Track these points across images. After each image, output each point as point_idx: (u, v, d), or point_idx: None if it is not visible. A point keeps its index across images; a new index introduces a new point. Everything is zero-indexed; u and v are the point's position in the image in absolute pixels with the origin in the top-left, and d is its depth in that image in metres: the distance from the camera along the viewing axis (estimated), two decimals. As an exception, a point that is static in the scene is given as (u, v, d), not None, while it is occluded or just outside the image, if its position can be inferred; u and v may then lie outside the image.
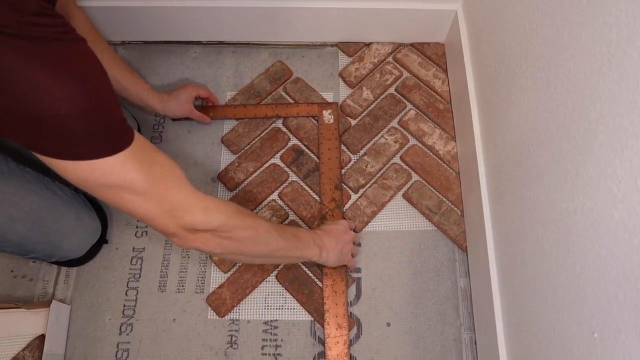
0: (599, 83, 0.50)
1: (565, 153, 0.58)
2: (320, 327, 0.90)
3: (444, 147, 1.02)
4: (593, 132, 0.52)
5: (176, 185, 0.61)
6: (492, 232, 0.84)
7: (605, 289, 0.49)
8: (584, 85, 0.54)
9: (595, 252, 0.51)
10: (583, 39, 0.54)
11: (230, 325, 0.91)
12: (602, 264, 0.49)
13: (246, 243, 0.69)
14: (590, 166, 0.52)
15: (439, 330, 0.90)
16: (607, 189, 0.49)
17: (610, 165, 0.48)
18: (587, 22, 0.53)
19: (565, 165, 0.58)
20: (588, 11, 0.53)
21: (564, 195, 0.58)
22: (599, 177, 0.50)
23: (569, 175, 0.57)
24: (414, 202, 0.98)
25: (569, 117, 0.57)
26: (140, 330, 0.90)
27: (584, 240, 0.53)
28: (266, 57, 1.13)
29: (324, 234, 0.84)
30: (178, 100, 0.98)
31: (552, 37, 0.62)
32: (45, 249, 0.85)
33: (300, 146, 1.04)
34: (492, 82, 0.84)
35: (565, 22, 0.58)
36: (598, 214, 0.51)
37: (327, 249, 0.83)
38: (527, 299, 0.69)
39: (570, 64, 0.57)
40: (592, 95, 0.52)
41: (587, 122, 0.53)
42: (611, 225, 0.48)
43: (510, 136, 0.76)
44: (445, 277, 0.94)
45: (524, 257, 0.70)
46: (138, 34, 1.12)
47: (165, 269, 0.95)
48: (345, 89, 1.10)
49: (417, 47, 1.12)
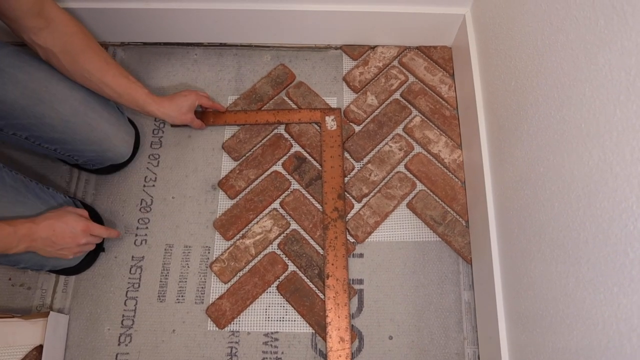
0: (615, 112, 0.48)
1: (577, 179, 0.56)
2: (322, 340, 0.89)
3: (450, 155, 1.00)
4: (608, 163, 0.49)
5: None
6: (497, 246, 0.83)
7: (617, 328, 0.47)
8: (599, 112, 0.51)
9: (608, 289, 0.49)
10: (600, 62, 0.51)
11: (230, 336, 0.89)
12: (615, 302, 0.48)
13: None
14: (604, 197, 0.50)
15: (442, 344, 0.89)
16: (621, 224, 0.47)
17: (626, 200, 0.46)
18: (604, 45, 0.50)
19: (577, 192, 0.55)
20: (605, 34, 0.50)
21: (575, 223, 0.56)
22: (613, 211, 0.48)
23: (580, 203, 0.55)
24: (418, 212, 0.96)
25: (582, 143, 0.55)
26: (139, 341, 0.89)
27: (595, 273, 0.52)
28: (268, 60, 1.11)
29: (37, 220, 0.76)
30: (180, 109, 0.94)
31: (566, 55, 0.59)
32: (32, 260, 0.82)
33: (302, 153, 1.02)
34: (501, 94, 0.81)
35: (580, 42, 0.55)
36: (611, 249, 0.49)
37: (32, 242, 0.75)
38: (533, 321, 0.68)
39: (584, 86, 0.54)
40: (608, 123, 0.49)
41: (602, 151, 0.51)
42: (625, 264, 0.46)
43: (518, 151, 0.74)
44: (448, 290, 0.92)
45: (531, 278, 0.69)
46: (137, 35, 1.09)
47: (165, 279, 0.94)
48: (349, 93, 1.07)
49: (424, 50, 1.09)
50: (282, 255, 0.94)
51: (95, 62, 0.82)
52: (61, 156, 0.91)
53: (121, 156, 0.95)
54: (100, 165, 0.96)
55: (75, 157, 0.91)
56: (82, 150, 0.89)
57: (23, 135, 0.83)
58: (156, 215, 0.98)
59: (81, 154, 0.90)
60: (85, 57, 0.80)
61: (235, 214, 0.97)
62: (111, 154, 0.93)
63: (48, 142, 0.86)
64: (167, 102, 0.93)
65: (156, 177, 1.01)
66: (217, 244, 0.95)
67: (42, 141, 0.85)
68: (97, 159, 0.93)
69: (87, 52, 0.81)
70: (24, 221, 0.74)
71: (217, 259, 0.94)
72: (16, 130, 0.82)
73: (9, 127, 0.82)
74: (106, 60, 0.84)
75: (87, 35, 0.82)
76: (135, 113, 1.04)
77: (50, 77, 0.82)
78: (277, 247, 0.95)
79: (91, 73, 0.82)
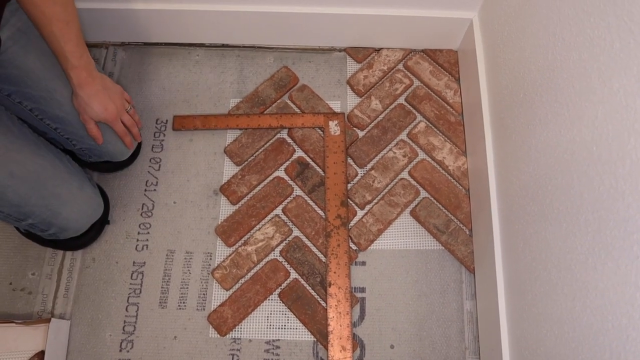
0: (629, 140, 0.47)
1: (587, 204, 0.55)
2: (323, 349, 0.89)
3: (454, 162, 0.99)
4: (620, 191, 0.48)
5: None
6: (501, 258, 0.82)
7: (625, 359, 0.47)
8: (612, 137, 0.50)
9: (617, 319, 0.48)
10: (614, 86, 0.50)
11: (232, 344, 0.89)
12: (623, 334, 0.47)
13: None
14: (614, 226, 0.49)
15: (443, 353, 0.89)
16: (632, 255, 0.46)
17: (639, 232, 0.45)
18: (620, 69, 0.49)
19: (587, 216, 0.55)
20: (621, 57, 0.49)
21: (583, 246, 0.55)
22: (624, 241, 0.48)
23: (589, 228, 0.54)
24: (422, 221, 0.96)
25: (594, 167, 0.54)
26: (141, 347, 0.89)
27: (603, 301, 0.51)
28: (271, 62, 1.09)
29: None
30: (91, 107, 0.82)
31: (578, 74, 0.58)
32: (43, 214, 0.82)
33: (305, 159, 1.01)
34: (508, 104, 0.80)
35: (594, 63, 0.54)
36: (621, 279, 0.48)
37: None
38: (537, 340, 0.67)
39: (597, 109, 0.53)
40: (621, 150, 0.48)
41: (614, 178, 0.50)
42: (636, 297, 0.45)
43: (525, 166, 0.73)
44: (451, 299, 0.92)
45: (535, 296, 0.68)
46: (138, 35, 1.08)
47: (166, 285, 0.93)
48: (353, 97, 1.06)
49: (429, 53, 1.08)
50: (284, 262, 0.94)
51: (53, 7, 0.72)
52: (59, 137, 0.88)
53: (120, 153, 0.94)
54: (97, 159, 0.94)
55: (74, 142, 0.89)
56: (83, 136, 0.87)
57: (29, 107, 0.82)
58: (157, 220, 0.97)
59: (81, 139, 0.88)
60: None
61: (237, 220, 0.96)
62: (111, 147, 0.91)
63: (51, 119, 0.84)
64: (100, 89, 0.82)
65: (157, 181, 1.00)
66: (219, 250, 0.95)
67: (45, 116, 0.84)
68: (95, 150, 0.90)
69: None
70: None
71: (218, 265, 0.93)
72: (24, 99, 0.81)
73: (18, 94, 0.81)
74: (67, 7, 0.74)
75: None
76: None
77: None
78: (279, 254, 0.94)
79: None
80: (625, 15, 0.48)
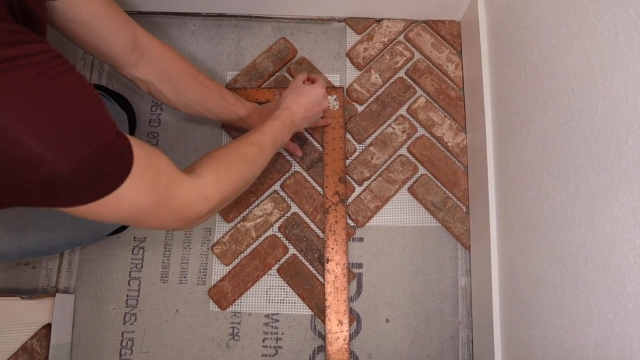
0: (627, 140, 0.47)
1: (581, 197, 0.55)
2: (321, 322, 0.91)
3: (454, 138, 0.98)
4: (615, 190, 0.48)
5: (177, 188, 0.57)
6: (496, 238, 0.83)
7: (608, 353, 0.48)
8: (611, 135, 0.49)
9: (603, 314, 0.50)
10: (616, 82, 0.49)
11: (232, 317, 0.92)
12: (609, 328, 0.48)
13: (238, 194, 0.71)
14: (607, 223, 0.50)
15: (437, 327, 0.92)
16: (622, 255, 0.47)
17: (630, 232, 0.46)
18: (623, 65, 0.48)
19: (581, 210, 0.55)
20: (625, 52, 0.48)
21: (575, 240, 0.56)
22: (615, 239, 0.48)
23: (582, 222, 0.54)
24: (419, 197, 0.96)
25: (590, 162, 0.53)
26: (144, 320, 0.92)
27: (591, 295, 0.52)
28: (269, 33, 1.06)
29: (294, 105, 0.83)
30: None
31: (580, 64, 0.56)
32: (92, 233, 0.85)
33: (303, 134, 1.00)
34: (509, 84, 0.79)
35: (597, 54, 0.53)
36: (609, 276, 0.49)
37: (297, 124, 0.84)
38: (526, 320, 0.69)
39: (598, 103, 0.52)
40: (619, 149, 0.48)
41: (610, 176, 0.49)
42: (622, 295, 0.46)
43: (523, 151, 0.72)
44: (446, 275, 0.94)
45: (527, 280, 0.69)
46: (133, 4, 1.04)
47: (167, 260, 0.95)
48: (353, 70, 1.04)
49: (431, 25, 1.05)
50: (282, 238, 0.95)
51: (195, 89, 0.81)
52: None
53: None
54: None
55: None
56: None
57: None
58: (157, 196, 0.98)
59: None
60: (184, 84, 0.79)
61: (236, 197, 0.97)
62: None
63: None
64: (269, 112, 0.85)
65: (156, 156, 1.00)
66: (218, 227, 0.96)
67: None
68: None
69: (185, 78, 0.79)
70: (282, 112, 0.81)
71: (218, 241, 0.95)
72: None
73: None
74: (204, 84, 0.82)
75: (182, 58, 0.80)
76: (130, 88, 1.01)
77: None
78: (278, 230, 0.96)
79: (192, 100, 0.81)
80: (631, 8, 0.47)
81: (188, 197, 0.59)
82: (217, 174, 0.64)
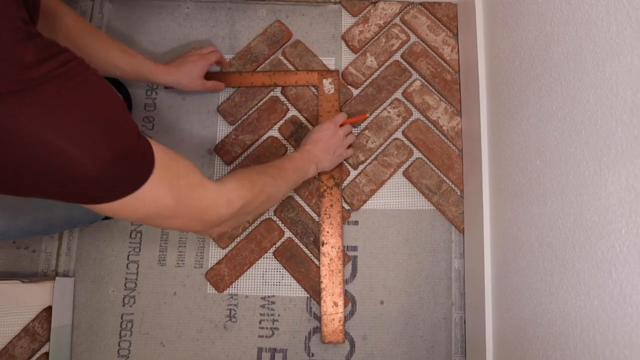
0: (617, 130, 0.47)
1: (571, 185, 0.56)
2: (317, 304, 0.93)
3: (449, 122, 0.98)
4: (603, 179, 0.49)
5: (200, 190, 0.59)
6: (489, 222, 0.84)
7: (593, 338, 0.50)
8: (601, 124, 0.50)
9: (589, 300, 0.51)
10: (607, 71, 0.49)
11: (229, 299, 0.94)
12: (594, 314, 0.50)
13: (260, 208, 0.73)
14: (595, 212, 0.50)
15: (431, 309, 0.93)
16: (609, 243, 0.48)
17: (616, 222, 0.47)
18: (614, 54, 0.48)
19: (570, 198, 0.56)
20: (616, 42, 0.48)
21: (565, 227, 0.57)
22: (603, 228, 0.49)
23: (572, 209, 0.55)
24: (414, 181, 0.97)
25: (580, 151, 0.54)
26: (142, 303, 0.94)
27: (578, 281, 0.53)
28: (264, 15, 1.05)
29: (313, 148, 0.87)
30: (190, 77, 0.92)
31: (573, 52, 0.56)
32: (87, 213, 0.83)
33: (299, 118, 1.00)
34: (504, 69, 0.78)
35: (589, 43, 0.53)
36: (596, 264, 0.50)
37: (320, 160, 0.87)
38: (517, 303, 0.71)
39: (589, 92, 0.52)
40: (608, 139, 0.48)
41: (599, 165, 0.50)
42: (608, 283, 0.48)
43: (516, 136, 0.73)
44: (440, 258, 0.95)
45: (518, 264, 0.71)
46: (124, -14, 1.03)
47: (165, 243, 0.96)
48: (348, 53, 1.03)
49: (427, 7, 1.03)
50: (278, 222, 0.96)
51: (95, 44, 0.79)
52: None
53: None
54: None
55: None
56: None
57: None
58: (153, 181, 0.98)
59: None
60: (84, 41, 0.77)
61: (232, 181, 0.97)
62: None
63: None
64: (175, 69, 0.90)
65: (151, 141, 1.00)
66: (215, 211, 0.97)
67: None
68: None
69: (84, 35, 0.77)
70: (305, 153, 0.85)
71: (214, 225, 0.96)
72: None
73: None
74: (105, 40, 0.81)
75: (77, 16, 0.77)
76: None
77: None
78: (274, 214, 0.97)
79: (96, 57, 0.80)
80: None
81: (210, 199, 0.60)
82: (239, 180, 0.67)
